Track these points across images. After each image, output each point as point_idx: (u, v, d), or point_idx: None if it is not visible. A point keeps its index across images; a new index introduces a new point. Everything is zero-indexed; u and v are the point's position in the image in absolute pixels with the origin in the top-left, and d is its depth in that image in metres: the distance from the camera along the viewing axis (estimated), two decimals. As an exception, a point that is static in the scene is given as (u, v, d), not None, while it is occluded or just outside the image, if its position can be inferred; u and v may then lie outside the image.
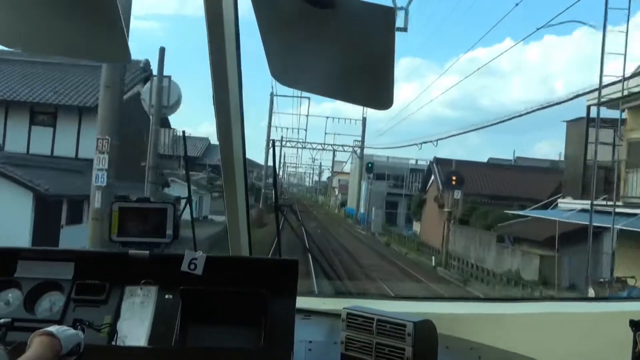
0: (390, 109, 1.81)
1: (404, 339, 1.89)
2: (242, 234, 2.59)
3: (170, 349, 1.93)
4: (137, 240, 2.16)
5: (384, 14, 1.55)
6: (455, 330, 2.44)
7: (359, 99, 2.11)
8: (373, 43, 1.64)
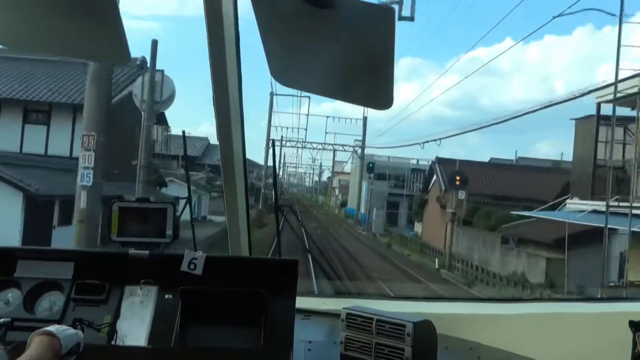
0: (390, 109, 1.81)
1: (404, 339, 1.90)
2: (242, 234, 2.59)
3: (170, 349, 1.94)
4: (137, 240, 2.17)
5: (384, 14, 1.55)
6: (455, 331, 2.45)
7: (359, 99, 2.10)
8: (373, 43, 1.64)
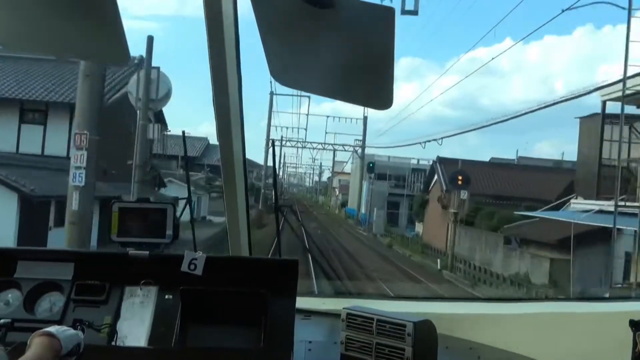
0: (390, 109, 1.81)
1: (404, 339, 1.89)
2: (242, 234, 2.59)
3: (170, 349, 1.93)
4: (137, 241, 2.17)
5: (384, 14, 1.55)
6: (455, 331, 2.44)
7: (359, 99, 2.11)
8: (373, 43, 1.64)
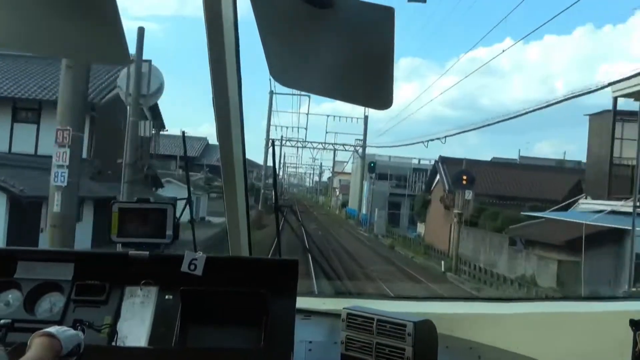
0: (391, 109, 1.81)
1: (404, 339, 1.90)
2: (242, 235, 2.59)
3: (171, 350, 1.94)
4: (137, 241, 2.17)
5: (384, 14, 1.55)
6: (455, 330, 2.44)
7: (359, 99, 2.10)
8: (373, 43, 1.64)
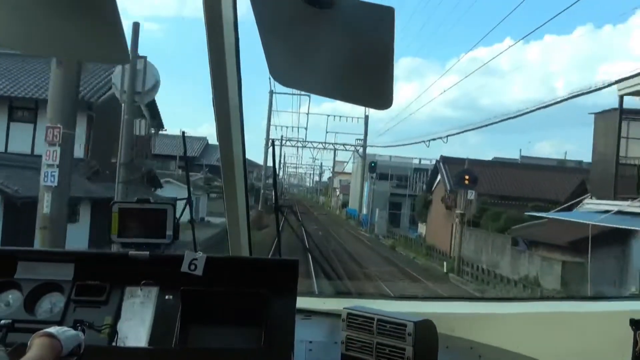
0: (391, 109, 1.82)
1: (405, 339, 1.89)
2: (242, 235, 2.59)
3: (171, 350, 1.93)
4: (137, 241, 2.17)
5: (384, 14, 1.55)
6: (456, 330, 2.44)
7: (359, 99, 2.11)
8: (372, 43, 1.64)
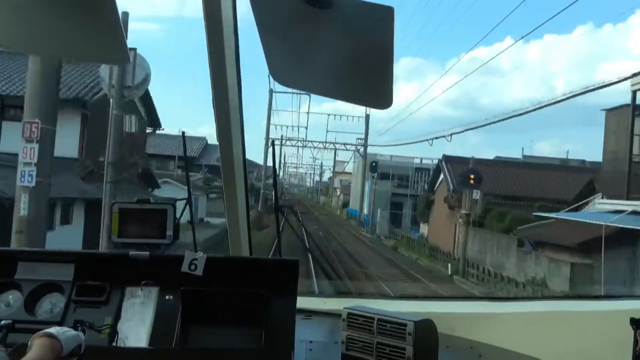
0: (391, 109, 1.82)
1: (405, 339, 1.90)
2: (242, 235, 2.59)
3: (171, 350, 1.94)
4: (137, 242, 2.17)
5: (383, 14, 1.55)
6: (456, 330, 2.44)
7: (359, 99, 2.11)
8: (372, 42, 1.64)
